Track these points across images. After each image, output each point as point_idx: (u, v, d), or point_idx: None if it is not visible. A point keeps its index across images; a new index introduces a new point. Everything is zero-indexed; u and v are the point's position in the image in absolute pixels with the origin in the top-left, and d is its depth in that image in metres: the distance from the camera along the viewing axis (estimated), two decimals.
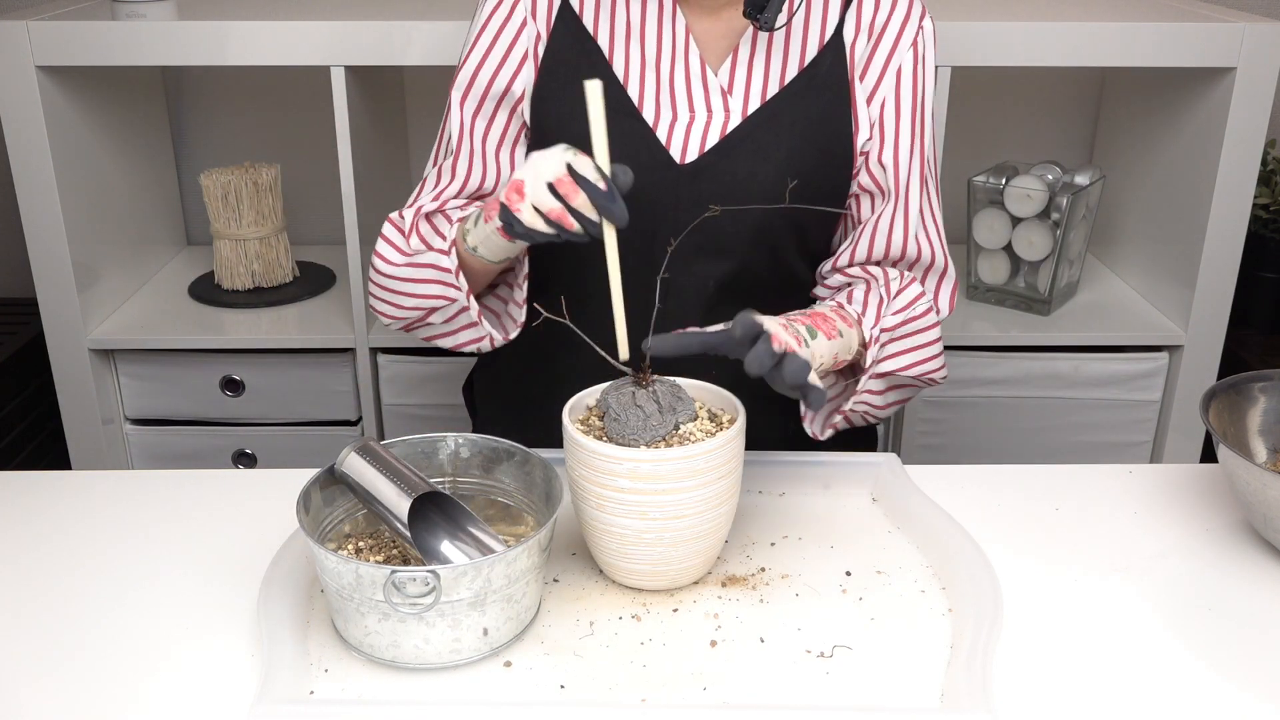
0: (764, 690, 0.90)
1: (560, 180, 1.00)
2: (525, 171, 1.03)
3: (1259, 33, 1.69)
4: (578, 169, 1.00)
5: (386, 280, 1.21)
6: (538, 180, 1.01)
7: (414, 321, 1.22)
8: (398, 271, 1.19)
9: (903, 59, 1.20)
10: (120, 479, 1.23)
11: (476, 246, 1.12)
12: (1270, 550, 1.08)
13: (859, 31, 1.20)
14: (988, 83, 2.16)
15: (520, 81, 1.21)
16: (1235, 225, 1.78)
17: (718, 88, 1.19)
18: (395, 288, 1.20)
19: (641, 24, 1.20)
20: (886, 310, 1.17)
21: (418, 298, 1.19)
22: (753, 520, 1.13)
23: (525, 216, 1.02)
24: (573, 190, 1.00)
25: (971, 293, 2.02)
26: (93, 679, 0.92)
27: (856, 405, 1.17)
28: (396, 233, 1.21)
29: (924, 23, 1.20)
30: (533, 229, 1.03)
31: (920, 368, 1.19)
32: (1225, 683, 0.91)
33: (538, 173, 1.02)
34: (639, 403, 0.98)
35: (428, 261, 1.17)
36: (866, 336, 1.15)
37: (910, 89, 1.20)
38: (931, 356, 1.20)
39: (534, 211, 1.02)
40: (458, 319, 1.20)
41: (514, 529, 1.06)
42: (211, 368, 1.93)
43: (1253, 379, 1.15)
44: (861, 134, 1.21)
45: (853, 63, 1.20)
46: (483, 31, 1.22)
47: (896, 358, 1.17)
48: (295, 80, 2.15)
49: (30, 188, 1.77)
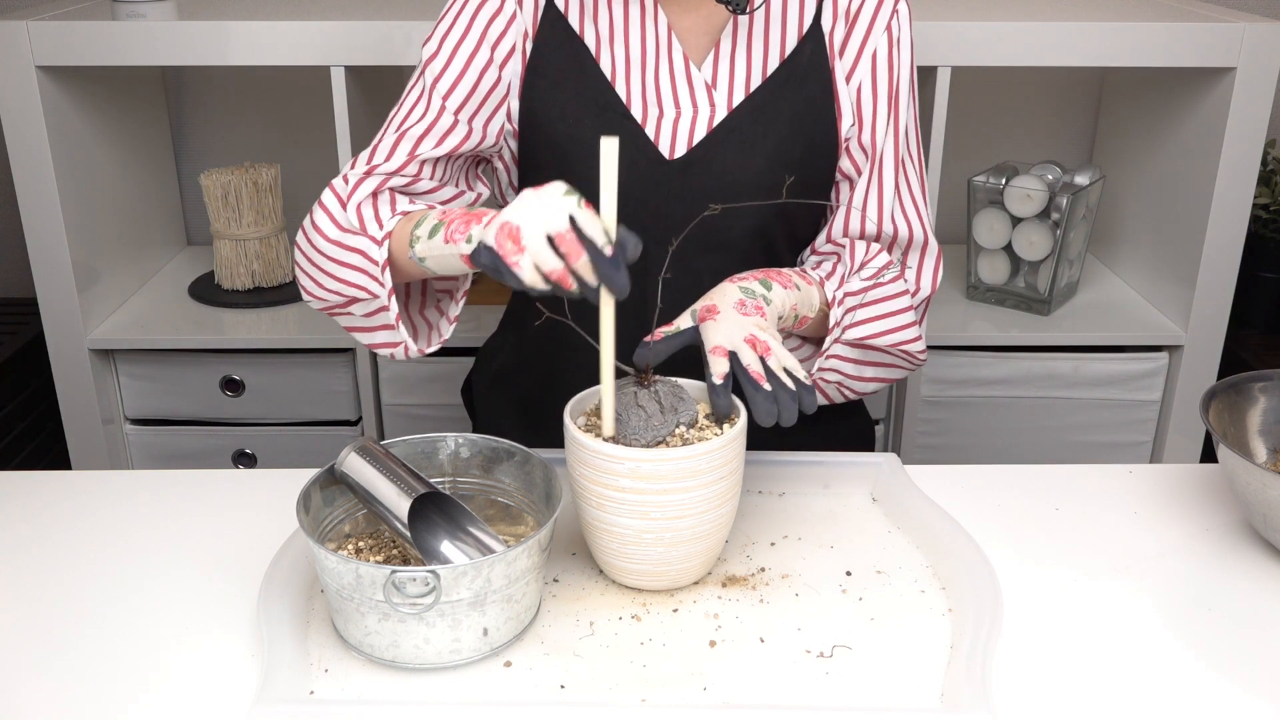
0: (764, 690, 0.90)
1: (562, 237, 0.89)
2: (521, 216, 0.91)
3: (1259, 33, 1.69)
4: (582, 226, 0.90)
5: (314, 255, 1.12)
6: (538, 231, 0.90)
7: (335, 307, 1.15)
8: (326, 248, 1.11)
9: (878, 43, 1.21)
10: (120, 479, 1.23)
11: (425, 259, 1.03)
12: (1270, 550, 1.08)
13: (836, 19, 1.21)
14: (988, 83, 2.16)
15: (508, 71, 1.20)
16: (1235, 225, 1.78)
17: (702, 82, 1.20)
18: (321, 265, 1.12)
19: (625, 22, 1.20)
20: (851, 275, 1.18)
21: (340, 281, 1.11)
22: (753, 520, 1.13)
23: (525, 274, 0.90)
24: (576, 250, 0.89)
25: (971, 293, 2.02)
26: (92, 679, 0.92)
27: (829, 375, 1.18)
28: (336, 202, 1.12)
29: (898, 6, 1.21)
30: (531, 287, 0.91)
31: (891, 336, 1.19)
32: (1225, 683, 0.91)
33: (539, 223, 0.90)
34: (640, 403, 0.98)
35: (357, 246, 1.09)
36: (829, 297, 1.16)
37: (886, 71, 1.21)
38: (903, 325, 1.20)
39: (534, 269, 0.90)
40: (377, 316, 1.13)
41: (514, 529, 1.06)
42: (211, 368, 1.93)
43: (1253, 379, 1.15)
44: (845, 121, 1.22)
45: (832, 51, 1.21)
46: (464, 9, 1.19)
47: (865, 325, 1.18)
48: (295, 80, 2.15)
49: (30, 188, 1.77)
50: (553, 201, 0.91)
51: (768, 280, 1.10)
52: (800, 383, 1.01)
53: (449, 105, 1.17)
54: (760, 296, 1.08)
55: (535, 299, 1.09)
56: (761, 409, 0.99)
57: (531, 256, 0.90)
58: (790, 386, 1.01)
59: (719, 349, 1.02)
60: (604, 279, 0.90)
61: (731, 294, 1.08)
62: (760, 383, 1.00)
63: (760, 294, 1.08)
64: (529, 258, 0.90)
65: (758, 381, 1.00)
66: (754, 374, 1.00)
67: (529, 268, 0.90)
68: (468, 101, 1.18)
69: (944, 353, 1.90)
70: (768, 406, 0.99)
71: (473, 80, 1.18)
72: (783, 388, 1.00)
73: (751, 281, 1.09)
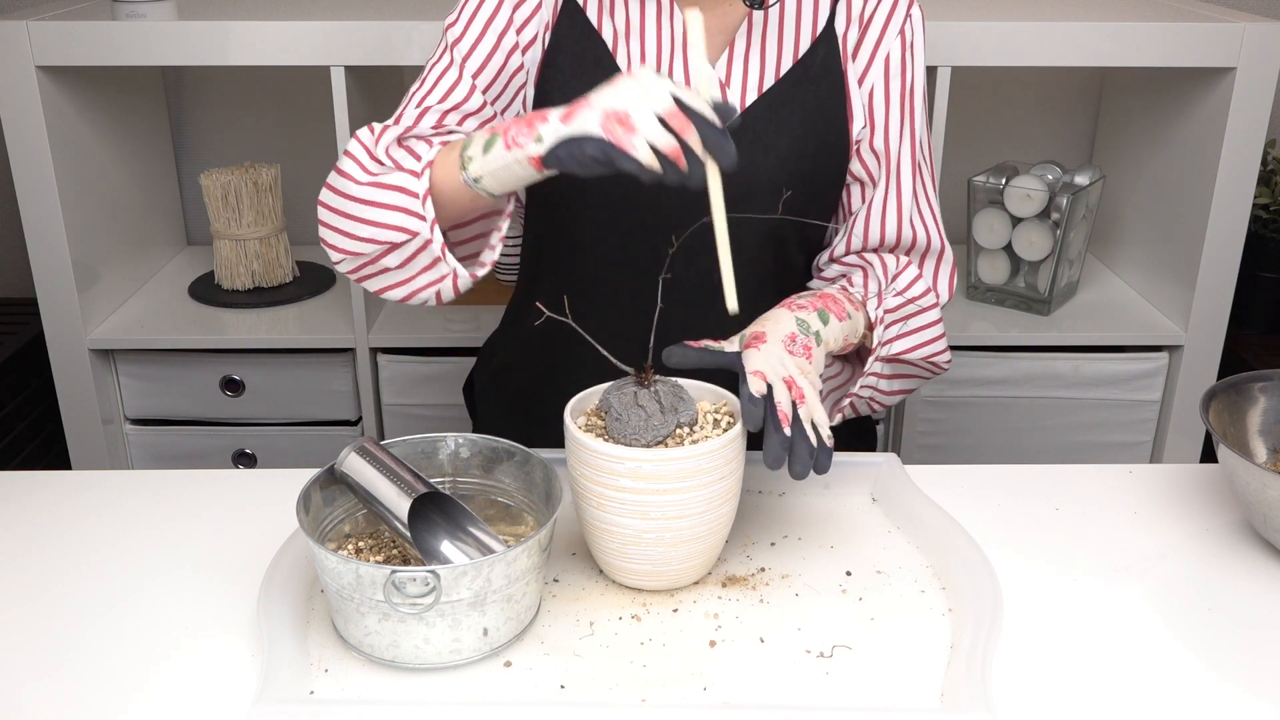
0: (764, 690, 0.90)
1: (672, 114, 0.91)
2: (624, 99, 0.92)
3: (1259, 33, 1.69)
4: (688, 103, 0.91)
5: (342, 203, 1.07)
6: (647, 111, 0.91)
7: (365, 262, 1.09)
8: (357, 191, 1.05)
9: (890, 47, 1.21)
10: (120, 479, 1.23)
11: (481, 177, 1.00)
12: (1270, 550, 1.08)
13: (849, 23, 1.21)
14: (988, 83, 2.16)
15: (530, 57, 1.19)
16: (1235, 225, 1.78)
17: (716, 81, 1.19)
18: (352, 211, 1.06)
19: (642, 19, 1.20)
20: (887, 293, 1.18)
21: (375, 226, 1.05)
22: (753, 520, 1.13)
23: (642, 154, 0.91)
24: (685, 125, 0.91)
25: (971, 293, 2.02)
26: (92, 679, 0.92)
27: (863, 390, 1.18)
28: (362, 149, 1.09)
29: (912, 10, 1.22)
30: (648, 167, 0.91)
31: (924, 350, 1.20)
32: (1225, 683, 0.91)
33: (645, 102, 0.91)
34: (641, 402, 0.98)
35: (393, 183, 1.04)
36: (872, 318, 1.16)
37: (899, 75, 1.21)
38: (934, 339, 1.20)
39: (649, 149, 0.91)
40: (416, 260, 1.06)
41: (514, 529, 1.06)
42: (211, 368, 1.93)
43: (1253, 379, 1.15)
44: (857, 123, 1.22)
45: (845, 53, 1.21)
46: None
47: (900, 340, 1.18)
48: (295, 80, 2.15)
49: (30, 188, 1.77)
50: (652, 82, 0.92)
51: (825, 312, 1.07)
52: (822, 442, 0.99)
53: (479, 83, 1.16)
54: (813, 334, 1.06)
55: (535, 301, 1.10)
56: (774, 452, 0.97)
57: (645, 135, 0.91)
58: (812, 441, 0.98)
59: (760, 374, 1.00)
60: (714, 149, 0.91)
61: (785, 326, 1.06)
62: (783, 424, 0.97)
63: (815, 330, 1.06)
64: (642, 137, 0.91)
65: (781, 422, 0.97)
66: (780, 413, 0.98)
67: (644, 147, 0.91)
68: (494, 82, 1.17)
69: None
70: (779, 452, 0.97)
71: (500, 61, 1.17)
72: (803, 438, 0.98)
73: (810, 312, 1.07)
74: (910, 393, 1.26)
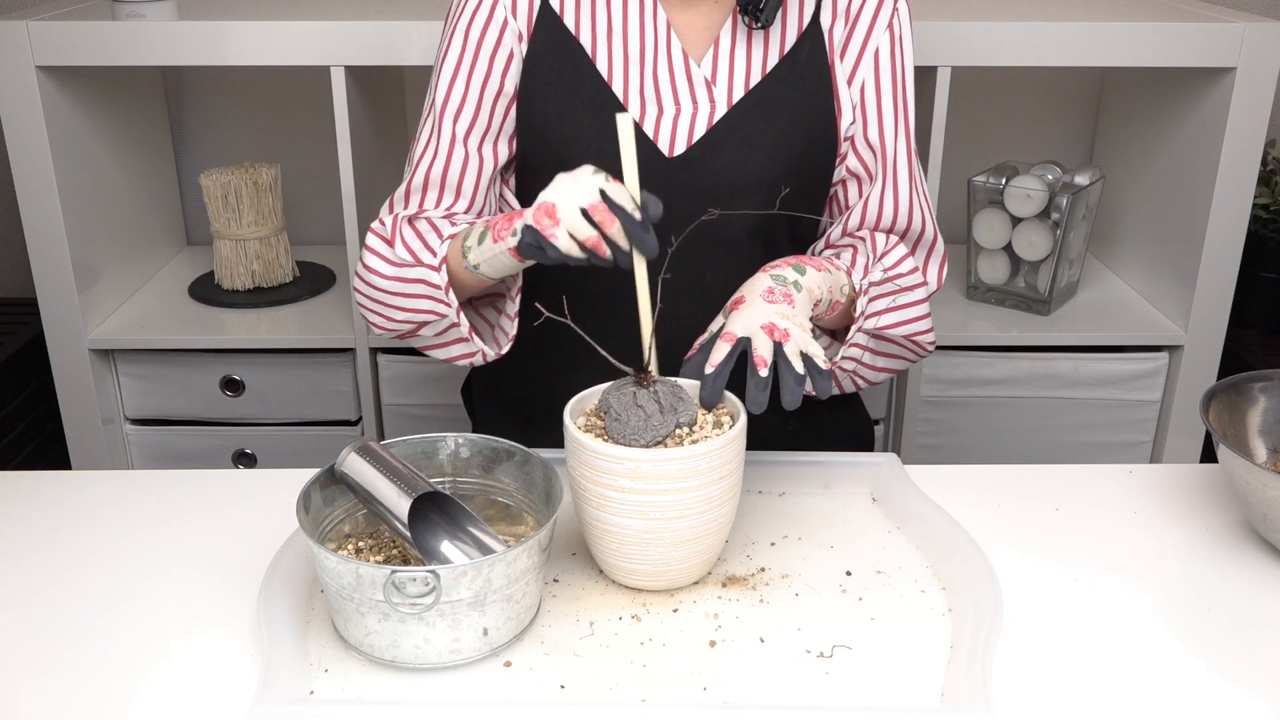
0: (764, 690, 0.90)
1: (595, 207, 0.98)
2: (555, 195, 1.00)
3: (1259, 33, 1.69)
4: (612, 196, 0.98)
5: (376, 294, 1.19)
6: (572, 205, 0.99)
7: (406, 333, 1.21)
8: (387, 285, 1.17)
9: (879, 41, 1.22)
10: (120, 479, 1.23)
11: (479, 265, 1.09)
12: (1270, 550, 1.08)
13: (835, 17, 1.22)
14: (988, 83, 2.16)
15: (510, 79, 1.21)
16: (1235, 225, 1.79)
17: (701, 79, 1.20)
18: (386, 300, 1.18)
19: (624, 20, 1.20)
20: (874, 266, 1.19)
21: (408, 311, 1.17)
22: (753, 520, 1.13)
23: (561, 243, 0.99)
24: (608, 218, 0.98)
25: (971, 293, 2.02)
26: (92, 679, 0.92)
27: (845, 362, 1.19)
28: (382, 243, 1.18)
29: (898, 5, 1.22)
30: (568, 255, 1.00)
31: (907, 327, 1.20)
32: (1225, 683, 0.91)
33: (571, 197, 0.99)
34: (640, 403, 0.98)
35: (416, 277, 1.15)
36: (857, 287, 1.17)
37: (890, 69, 1.22)
38: (918, 317, 1.21)
39: (570, 238, 0.99)
40: (448, 333, 1.18)
41: (514, 529, 1.06)
42: (211, 368, 1.93)
43: (1253, 379, 1.15)
44: (845, 118, 1.23)
45: (832, 48, 1.22)
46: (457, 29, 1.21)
47: (883, 315, 1.18)
48: (295, 80, 2.15)
49: (30, 188, 1.77)
50: (583, 178, 1.00)
51: (801, 265, 1.10)
52: (816, 368, 1.02)
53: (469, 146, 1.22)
54: (791, 283, 1.08)
55: (534, 302, 1.10)
56: (751, 394, 1.00)
57: (567, 227, 0.99)
58: (798, 369, 1.01)
59: (729, 335, 1.03)
60: (635, 241, 0.99)
61: (761, 283, 1.08)
62: (760, 368, 1.00)
63: (791, 280, 1.08)
64: (564, 229, 0.99)
65: (757, 366, 1.00)
66: (757, 357, 1.01)
67: (565, 237, 0.99)
68: (487, 134, 1.22)
69: (944, 353, 1.90)
70: (758, 395, 1.00)
71: (488, 112, 1.22)
72: (788, 368, 1.01)
73: (784, 268, 1.10)
74: (895, 373, 1.26)
